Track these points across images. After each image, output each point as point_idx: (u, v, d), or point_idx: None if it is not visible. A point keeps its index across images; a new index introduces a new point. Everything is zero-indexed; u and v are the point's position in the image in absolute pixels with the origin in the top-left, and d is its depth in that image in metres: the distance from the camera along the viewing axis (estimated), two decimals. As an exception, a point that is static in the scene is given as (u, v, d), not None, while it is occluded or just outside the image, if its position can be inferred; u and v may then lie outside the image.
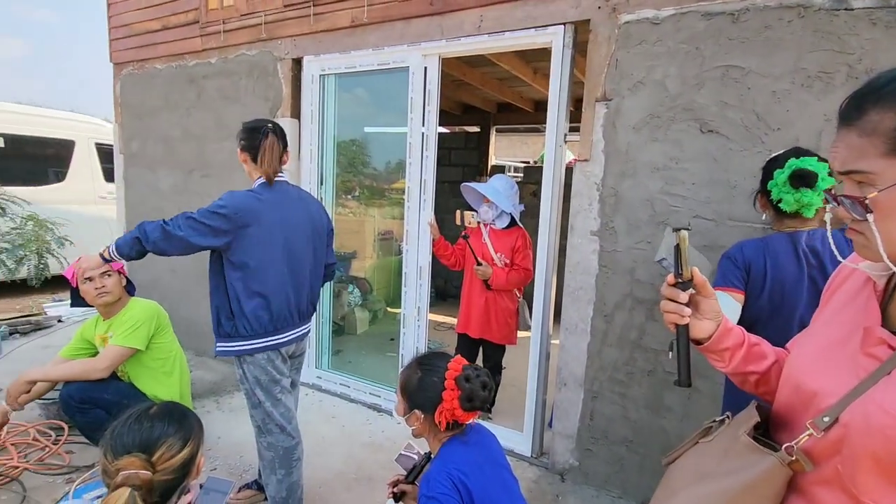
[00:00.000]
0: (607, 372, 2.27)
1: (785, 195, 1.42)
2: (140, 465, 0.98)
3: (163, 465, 1.01)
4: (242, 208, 1.73)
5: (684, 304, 0.84)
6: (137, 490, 0.95)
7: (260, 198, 1.79)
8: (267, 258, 1.78)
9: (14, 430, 2.52)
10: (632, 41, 2.11)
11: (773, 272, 1.44)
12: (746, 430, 0.76)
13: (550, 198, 2.40)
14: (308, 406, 3.06)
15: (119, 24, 4.03)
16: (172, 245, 1.68)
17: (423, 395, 1.29)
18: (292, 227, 1.85)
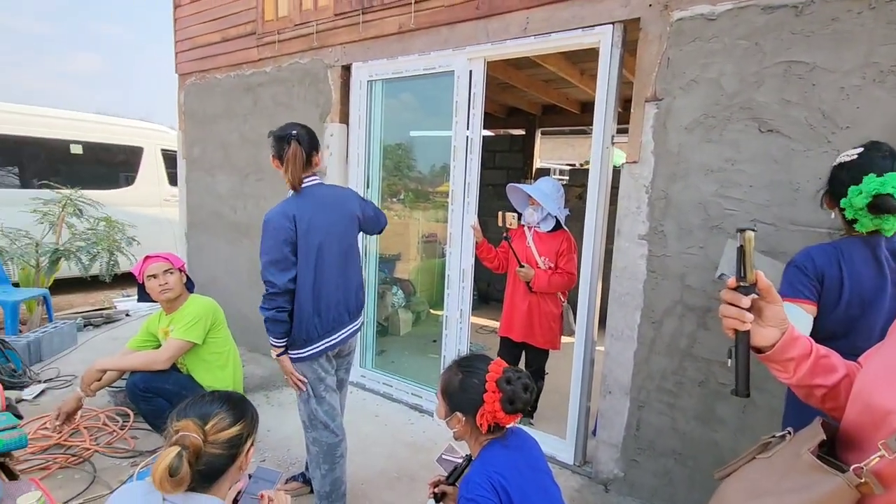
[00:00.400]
0: (655, 381, 2.19)
1: (862, 218, 1.29)
2: (193, 428, 1.06)
3: (213, 435, 1.07)
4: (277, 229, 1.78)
5: (746, 309, 0.80)
6: (186, 450, 1.01)
7: (288, 211, 1.81)
8: (310, 265, 1.83)
9: (87, 414, 2.73)
10: (685, 38, 2.03)
11: (851, 282, 1.30)
12: (810, 447, 0.72)
13: (596, 200, 2.35)
14: (352, 404, 3.12)
15: (184, 38, 4.30)
16: (284, 303, 1.80)
17: (464, 397, 1.29)
18: (326, 230, 1.88)
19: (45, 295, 4.27)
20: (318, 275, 1.85)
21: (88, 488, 2.18)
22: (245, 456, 1.16)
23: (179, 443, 1.03)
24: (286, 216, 1.79)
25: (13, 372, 3.13)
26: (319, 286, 1.86)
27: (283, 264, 1.78)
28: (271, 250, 1.77)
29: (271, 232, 1.78)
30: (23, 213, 4.78)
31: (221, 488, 1.12)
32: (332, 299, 1.90)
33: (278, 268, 1.77)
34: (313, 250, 1.83)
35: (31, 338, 3.56)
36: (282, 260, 1.77)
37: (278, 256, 1.77)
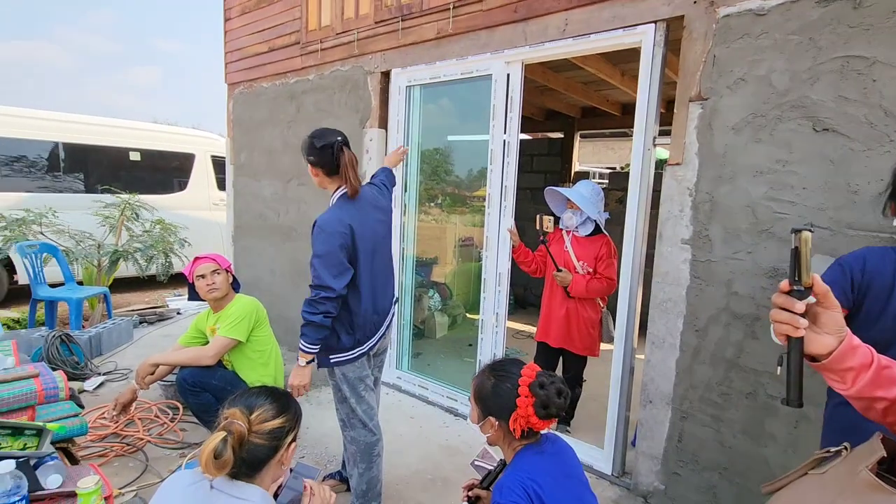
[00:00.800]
0: (699, 391, 2.11)
1: None
2: (240, 416, 1.11)
3: (257, 425, 1.11)
4: (333, 234, 1.78)
5: (800, 314, 0.75)
6: (231, 436, 1.06)
7: (344, 217, 1.82)
8: (367, 269, 1.87)
9: (140, 406, 2.89)
10: (732, 35, 1.96)
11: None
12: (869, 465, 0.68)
13: (637, 203, 2.29)
14: (388, 405, 3.17)
15: (233, 49, 4.50)
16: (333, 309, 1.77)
17: (497, 401, 1.28)
18: (374, 233, 1.92)
19: (106, 293, 4.56)
20: (373, 278, 1.89)
21: (141, 476, 2.31)
22: (286, 450, 1.19)
23: (226, 428, 1.08)
24: (342, 222, 1.78)
25: (76, 364, 3.35)
26: (375, 289, 1.90)
27: (338, 269, 1.77)
28: (328, 255, 1.76)
29: (327, 237, 1.77)
30: (86, 216, 5.13)
31: (264, 480, 1.16)
32: (380, 298, 1.95)
33: (333, 272, 1.75)
34: (368, 255, 1.86)
35: (92, 333, 3.80)
36: (338, 265, 1.77)
37: (335, 261, 1.76)
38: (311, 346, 1.81)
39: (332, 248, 1.76)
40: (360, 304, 1.87)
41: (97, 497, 1.19)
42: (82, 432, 1.62)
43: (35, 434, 1.34)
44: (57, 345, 3.32)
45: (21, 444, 1.30)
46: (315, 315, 1.76)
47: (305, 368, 1.86)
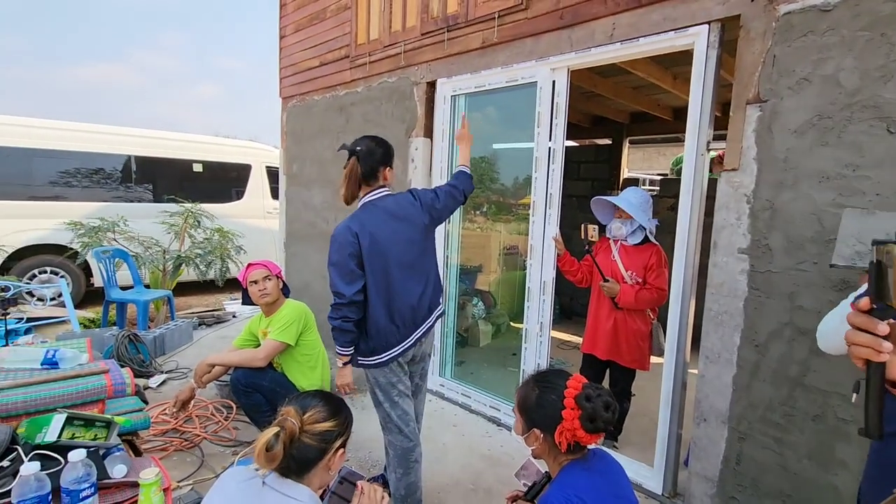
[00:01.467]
0: (758, 411, 1.98)
1: None
2: (293, 414, 1.16)
3: (309, 425, 1.16)
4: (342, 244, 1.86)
5: (882, 336, 0.68)
6: (283, 431, 1.11)
7: (352, 226, 1.88)
8: (379, 276, 1.89)
9: (198, 404, 3.05)
10: (794, 33, 1.85)
11: None
12: None
13: (689, 211, 2.20)
14: (431, 412, 3.18)
15: (287, 65, 4.72)
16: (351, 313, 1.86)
17: (542, 413, 1.25)
18: (392, 240, 1.91)
19: (169, 296, 4.86)
20: (387, 285, 1.90)
21: (197, 471, 2.43)
22: (334, 454, 1.22)
23: (279, 424, 1.14)
24: (350, 231, 1.87)
25: (142, 362, 3.59)
26: (391, 295, 1.91)
27: (349, 276, 1.85)
28: (338, 263, 1.86)
29: (337, 246, 1.87)
30: (154, 224, 5.50)
31: (312, 482, 1.19)
32: (404, 307, 1.94)
33: (345, 280, 1.84)
34: (380, 262, 1.88)
35: (156, 333, 4.06)
36: (348, 272, 1.85)
37: (344, 269, 1.85)
38: (341, 348, 1.92)
39: (341, 256, 1.85)
40: (372, 312, 1.90)
41: (157, 488, 1.27)
42: (145, 426, 1.73)
43: (104, 426, 1.45)
44: (126, 344, 3.56)
45: (92, 435, 1.40)
46: (335, 320, 1.87)
47: (344, 369, 1.98)
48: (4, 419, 1.37)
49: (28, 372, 1.58)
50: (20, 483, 1.07)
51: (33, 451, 1.23)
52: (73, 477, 1.14)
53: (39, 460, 1.17)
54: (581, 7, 2.49)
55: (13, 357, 1.66)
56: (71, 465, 1.15)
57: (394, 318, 1.91)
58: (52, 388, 1.49)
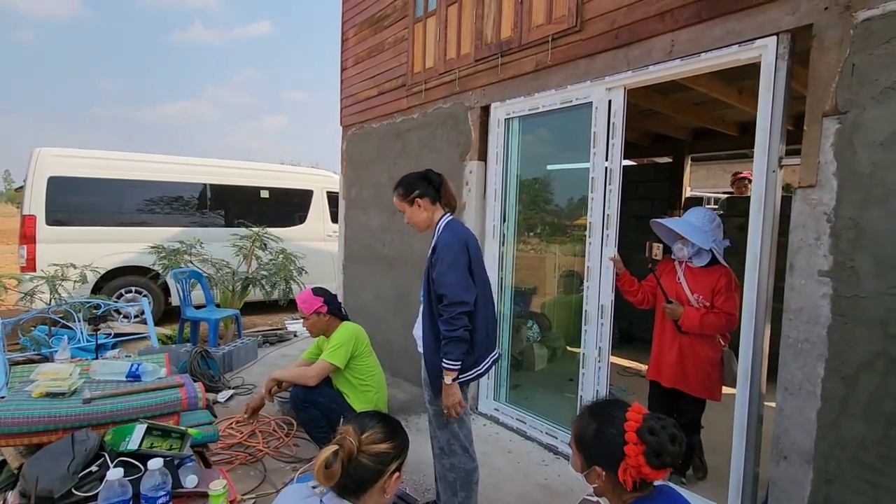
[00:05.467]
0: (849, 451, 1.79)
1: None
2: (352, 434, 1.18)
3: (366, 445, 1.18)
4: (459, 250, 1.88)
5: None
6: (341, 450, 1.14)
7: (460, 233, 1.94)
8: (481, 289, 1.93)
9: (262, 420, 3.17)
10: (875, 41, 1.73)
11: None
12: None
13: (760, 231, 2.07)
14: (485, 437, 3.13)
15: (348, 95, 4.96)
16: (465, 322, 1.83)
17: (602, 449, 1.18)
18: (479, 259, 1.98)
19: (237, 315, 5.14)
20: (484, 299, 1.95)
21: (260, 486, 2.51)
22: (389, 477, 1.23)
23: (338, 443, 1.17)
24: (456, 235, 1.92)
25: (212, 378, 3.79)
26: (487, 310, 1.95)
27: (467, 283, 1.86)
28: (457, 267, 1.85)
29: (455, 255, 1.86)
30: (225, 247, 5.89)
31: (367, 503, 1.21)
32: (491, 319, 1.98)
33: (463, 285, 1.84)
34: (479, 273, 1.94)
35: (225, 350, 4.29)
36: (466, 278, 1.86)
37: (462, 273, 1.86)
38: (454, 362, 1.84)
39: (459, 262, 1.86)
40: (476, 324, 1.91)
41: (224, 500, 1.33)
42: (214, 439, 1.82)
43: (179, 437, 1.54)
44: (198, 360, 3.79)
45: (168, 445, 1.50)
46: (457, 330, 1.81)
47: (452, 386, 1.87)
48: (94, 426, 1.50)
49: (115, 384, 1.72)
50: (106, 487, 1.16)
51: (117, 458, 1.33)
52: (151, 484, 1.22)
53: (122, 467, 1.27)
54: (637, 25, 2.46)
55: (103, 370, 1.82)
56: (150, 473, 1.23)
57: (488, 329, 1.95)
58: (135, 399, 1.61)
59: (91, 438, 1.39)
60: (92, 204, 5.92)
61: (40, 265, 5.31)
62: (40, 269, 5.20)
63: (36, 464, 1.33)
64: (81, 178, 5.80)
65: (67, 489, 1.21)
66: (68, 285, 5.00)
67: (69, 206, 5.73)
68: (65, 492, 1.20)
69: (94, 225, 5.89)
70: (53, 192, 5.60)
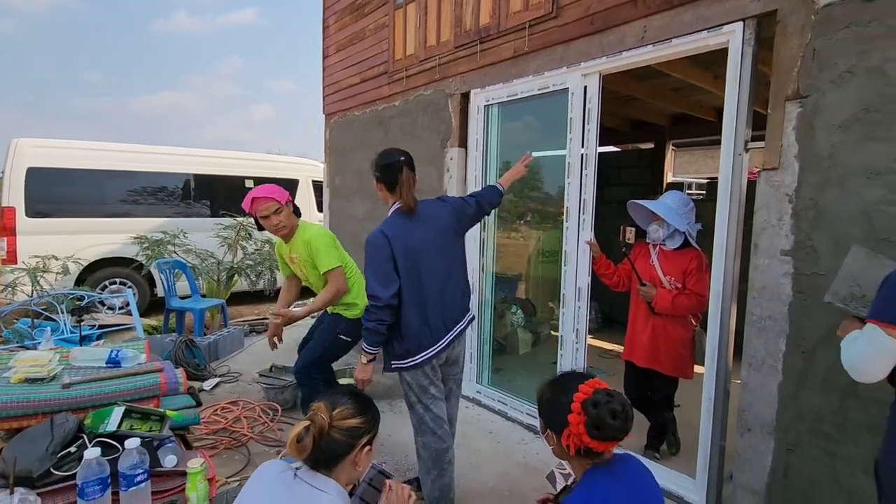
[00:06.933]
0: (807, 421, 1.88)
1: None
2: (324, 410, 1.22)
3: (338, 421, 1.22)
4: (377, 249, 1.92)
5: None
6: (313, 425, 1.18)
7: (385, 231, 1.94)
8: (412, 280, 1.94)
9: (246, 406, 3.21)
10: (835, 26, 1.78)
11: None
12: None
13: (727, 213, 2.14)
14: (467, 419, 3.20)
15: (330, 83, 4.94)
16: (386, 316, 1.92)
17: (553, 415, 1.25)
18: (423, 245, 1.96)
19: (223, 305, 5.14)
20: (420, 288, 1.95)
21: (244, 469, 2.56)
22: (360, 451, 1.27)
23: (310, 418, 1.21)
24: (383, 235, 1.93)
25: (197, 366, 3.82)
26: (423, 298, 1.96)
27: (385, 279, 1.90)
28: (373, 267, 1.92)
29: (373, 251, 1.93)
30: (209, 237, 5.86)
31: (340, 477, 1.25)
32: (435, 310, 1.98)
33: (381, 282, 1.89)
34: (413, 265, 1.94)
35: (211, 339, 4.31)
36: (384, 277, 1.90)
37: (381, 273, 1.91)
38: (368, 346, 1.99)
39: (376, 260, 1.91)
40: (405, 314, 1.94)
41: (202, 477, 1.37)
42: (195, 422, 1.86)
43: (158, 420, 1.58)
44: (183, 348, 3.81)
45: (147, 427, 1.53)
46: (370, 322, 1.93)
47: (367, 366, 2.04)
48: (74, 411, 1.52)
49: (95, 369, 1.75)
50: (84, 466, 1.19)
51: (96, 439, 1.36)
52: (128, 463, 1.25)
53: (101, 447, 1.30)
54: (611, 12, 2.49)
55: (83, 356, 1.84)
56: (127, 453, 1.26)
57: (426, 320, 1.96)
58: (114, 383, 1.64)
59: (70, 421, 1.42)
60: (73, 195, 5.84)
61: (21, 257, 5.25)
62: (21, 262, 5.15)
63: (15, 446, 1.35)
64: (61, 168, 5.71)
65: (46, 469, 1.24)
66: (50, 277, 4.96)
67: (49, 198, 5.65)
68: (43, 471, 1.23)
69: (75, 216, 5.81)
70: (33, 183, 5.51)
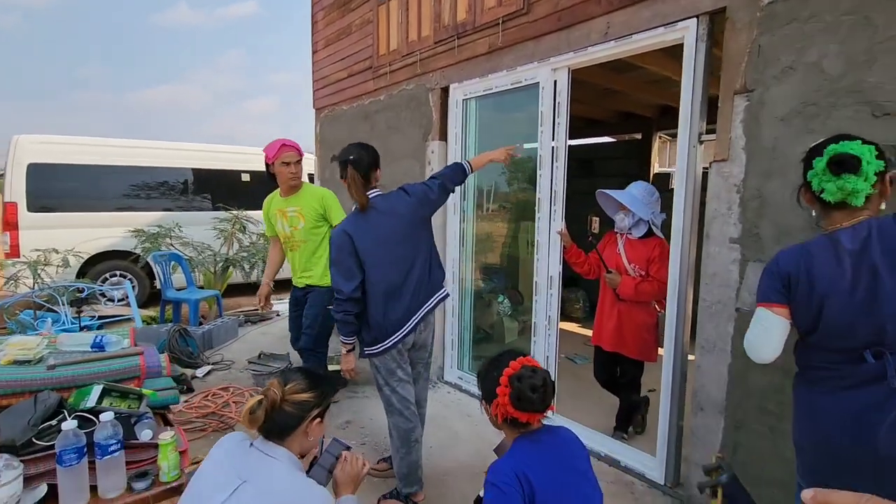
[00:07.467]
0: (753, 400, 1.98)
1: (826, 184, 1.31)
2: (276, 385, 1.33)
3: (289, 395, 1.33)
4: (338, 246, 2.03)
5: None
6: (266, 399, 1.29)
7: (347, 228, 2.04)
8: (375, 273, 2.04)
9: (235, 391, 3.35)
10: (778, 22, 1.86)
11: (811, 279, 1.31)
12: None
13: (683, 202, 2.22)
14: (447, 402, 3.32)
15: (319, 78, 5.03)
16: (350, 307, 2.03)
17: (486, 388, 1.38)
18: (383, 238, 2.05)
19: (217, 295, 5.28)
20: (382, 279, 2.04)
21: (229, 449, 2.69)
22: (310, 423, 1.38)
23: (263, 393, 1.32)
24: (345, 232, 2.03)
25: (190, 354, 3.96)
26: (387, 290, 2.05)
27: (347, 274, 2.01)
28: (337, 262, 2.03)
29: (335, 247, 2.03)
30: (207, 230, 6.00)
31: (291, 445, 1.37)
32: (399, 300, 2.07)
33: (344, 277, 2.01)
34: (374, 258, 2.03)
35: (205, 329, 4.45)
36: (346, 271, 2.01)
37: (343, 268, 2.02)
38: (344, 338, 2.11)
39: (339, 256, 2.02)
40: (370, 305, 2.06)
41: (172, 448, 1.49)
42: (174, 402, 1.97)
43: (136, 398, 1.70)
44: (176, 337, 3.95)
45: (126, 405, 1.65)
46: (338, 313, 2.06)
47: (349, 356, 2.16)
48: (58, 390, 1.65)
49: (79, 353, 1.87)
50: (61, 436, 1.31)
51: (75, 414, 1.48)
52: (103, 434, 1.37)
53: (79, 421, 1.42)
54: (577, 8, 2.56)
55: (69, 341, 1.96)
56: (101, 425, 1.38)
57: (391, 309, 2.06)
58: (96, 365, 1.76)
59: (52, 398, 1.54)
60: (73, 190, 5.97)
61: (24, 251, 5.41)
62: (24, 255, 5.31)
63: (2, 420, 1.48)
64: (61, 164, 5.85)
65: (28, 438, 1.36)
66: (51, 270, 5.12)
67: (50, 193, 5.79)
68: (25, 440, 1.36)
69: (76, 210, 5.95)
70: (34, 178, 5.65)
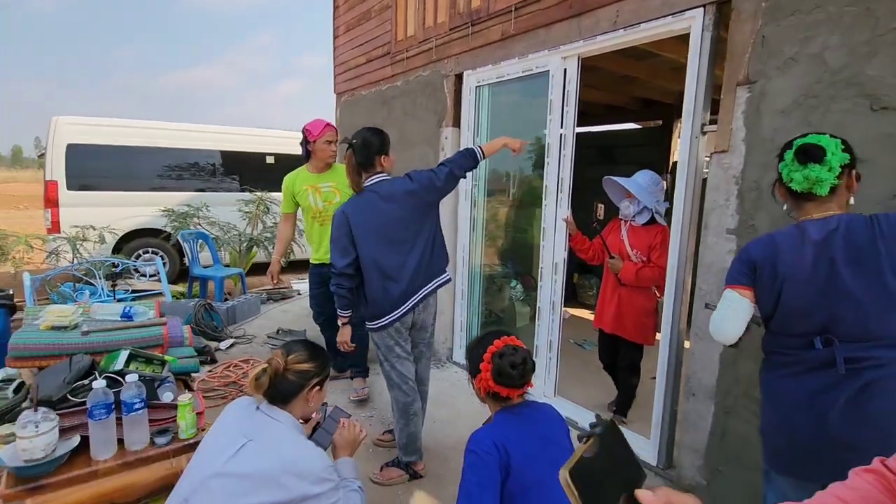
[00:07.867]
0: (742, 386, 2.03)
1: (794, 174, 1.41)
2: (280, 356, 1.47)
3: (292, 364, 1.46)
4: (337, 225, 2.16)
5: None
6: (270, 368, 1.42)
7: (345, 209, 2.16)
8: (370, 253, 2.15)
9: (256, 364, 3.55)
10: (782, 13, 1.85)
11: (775, 266, 1.39)
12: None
13: (684, 192, 2.25)
14: (454, 381, 3.45)
15: (339, 63, 5.12)
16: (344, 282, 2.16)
17: (472, 364, 1.50)
18: (380, 221, 2.14)
19: (241, 273, 5.52)
20: (378, 259, 2.15)
21: (247, 416, 2.89)
22: (310, 390, 1.52)
23: (268, 361, 1.46)
24: (343, 212, 2.16)
25: (215, 328, 4.19)
26: (382, 269, 2.16)
27: (341, 252, 2.14)
28: (334, 240, 2.17)
29: (334, 225, 2.17)
30: (233, 211, 6.24)
31: (293, 410, 1.51)
32: (396, 280, 2.18)
33: (339, 253, 2.15)
34: (369, 239, 2.14)
35: (229, 305, 4.68)
36: (341, 248, 2.15)
37: (338, 244, 2.16)
38: (341, 311, 2.24)
39: (336, 234, 2.14)
40: (367, 283, 2.18)
41: (190, 409, 1.65)
42: (195, 369, 2.14)
43: (160, 364, 1.87)
44: (202, 312, 4.18)
45: (150, 369, 1.82)
46: (332, 286, 2.20)
47: (344, 329, 2.29)
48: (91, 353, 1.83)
49: (110, 321, 2.05)
50: (92, 394, 1.48)
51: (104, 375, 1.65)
52: (129, 394, 1.54)
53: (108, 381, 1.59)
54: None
55: (101, 311, 2.15)
56: (127, 385, 1.55)
57: (388, 288, 2.17)
58: (124, 333, 1.93)
59: (84, 360, 1.72)
60: (108, 169, 6.28)
61: (64, 227, 5.75)
62: (64, 231, 5.65)
63: (41, 378, 1.67)
64: (97, 145, 6.15)
65: (63, 395, 1.53)
66: (89, 246, 5.44)
67: (88, 172, 6.11)
68: (60, 396, 1.53)
69: (111, 189, 6.27)
70: (72, 158, 5.97)
